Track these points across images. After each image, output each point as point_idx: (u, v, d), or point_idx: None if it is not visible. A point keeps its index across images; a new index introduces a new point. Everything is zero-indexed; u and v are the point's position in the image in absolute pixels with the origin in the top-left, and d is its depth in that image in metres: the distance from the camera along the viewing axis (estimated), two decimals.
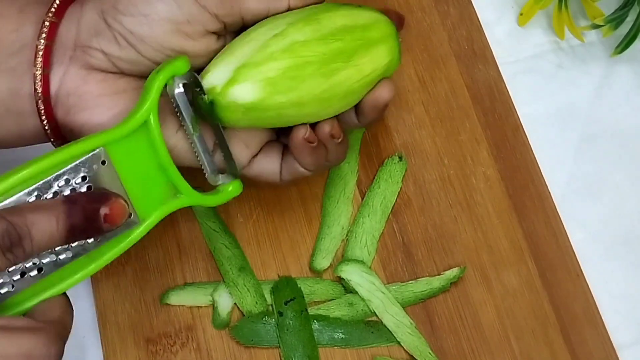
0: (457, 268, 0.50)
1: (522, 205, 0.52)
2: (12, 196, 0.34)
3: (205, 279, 0.50)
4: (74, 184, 0.35)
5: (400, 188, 0.52)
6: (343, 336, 0.48)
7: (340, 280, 0.50)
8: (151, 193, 0.38)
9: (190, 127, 0.40)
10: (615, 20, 0.54)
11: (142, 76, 0.39)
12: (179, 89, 0.39)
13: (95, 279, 0.49)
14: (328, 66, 0.39)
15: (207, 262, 0.50)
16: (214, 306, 0.49)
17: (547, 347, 0.49)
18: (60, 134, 0.40)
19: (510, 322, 0.49)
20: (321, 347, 0.48)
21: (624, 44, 0.55)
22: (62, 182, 0.35)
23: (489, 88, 0.55)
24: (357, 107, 0.42)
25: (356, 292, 0.49)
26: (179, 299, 0.49)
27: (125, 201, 0.37)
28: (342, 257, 0.50)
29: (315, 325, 0.48)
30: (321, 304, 0.49)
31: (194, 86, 0.38)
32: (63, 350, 0.34)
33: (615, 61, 0.57)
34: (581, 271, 0.51)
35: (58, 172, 0.35)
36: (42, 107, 0.38)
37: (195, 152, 0.40)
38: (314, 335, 0.48)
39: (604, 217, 0.53)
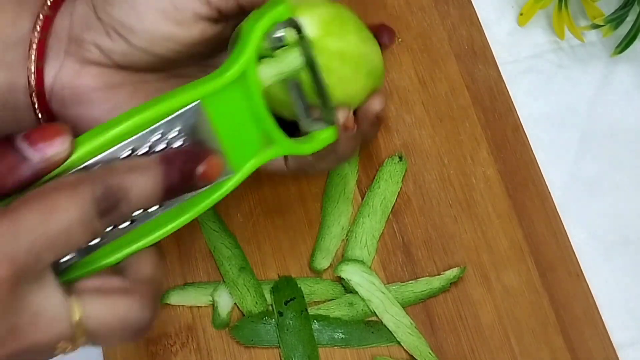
0: (457, 268, 0.50)
1: (522, 205, 0.52)
2: (108, 149, 0.32)
3: (205, 279, 0.50)
4: (168, 138, 0.34)
5: (400, 188, 0.52)
6: (343, 336, 0.48)
7: (340, 280, 0.50)
8: (245, 143, 0.36)
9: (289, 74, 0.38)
10: (615, 20, 0.54)
11: (138, 69, 0.39)
12: (279, 35, 0.37)
13: None
14: (362, 33, 0.39)
15: (207, 262, 0.50)
16: (214, 306, 0.49)
17: (547, 347, 0.49)
18: None
19: (510, 322, 0.49)
20: (321, 347, 0.48)
21: (624, 44, 0.55)
22: (157, 136, 0.34)
23: (489, 88, 0.55)
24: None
25: (356, 292, 0.49)
26: (179, 299, 0.49)
27: (222, 155, 0.35)
28: (342, 257, 0.50)
29: (315, 325, 0.48)
30: (321, 304, 0.49)
31: (296, 30, 0.37)
32: (159, 310, 0.34)
33: (615, 61, 0.57)
34: (581, 271, 0.51)
35: (154, 126, 0.33)
36: (35, 100, 0.38)
37: (292, 98, 0.39)
38: (314, 335, 0.48)
39: (604, 217, 0.53)
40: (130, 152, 0.33)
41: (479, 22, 0.57)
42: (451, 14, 0.57)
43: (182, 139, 0.34)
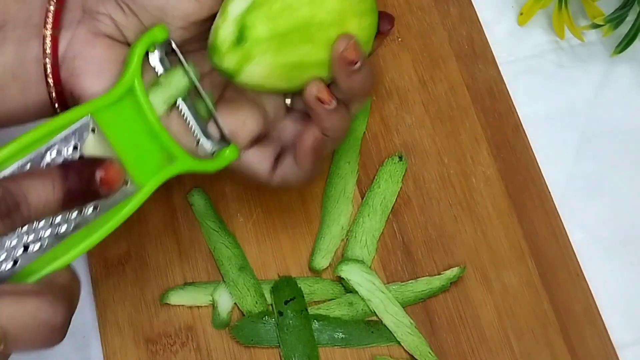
0: (457, 267, 0.50)
1: (522, 205, 0.52)
2: (4, 169, 0.34)
3: (205, 279, 0.50)
4: (65, 155, 0.35)
5: (400, 188, 0.52)
6: (343, 336, 0.48)
7: (340, 280, 0.50)
8: (146, 160, 0.38)
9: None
10: (615, 19, 0.54)
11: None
12: (157, 55, 0.39)
13: (95, 279, 0.49)
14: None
15: (207, 262, 0.50)
16: (214, 306, 0.49)
17: (547, 347, 0.49)
18: (64, 101, 0.39)
19: (510, 322, 0.49)
20: (321, 346, 0.48)
21: (624, 44, 0.55)
22: (54, 154, 0.35)
23: (489, 88, 0.55)
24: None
25: (356, 292, 0.49)
26: (179, 298, 0.49)
27: (122, 166, 0.36)
28: (342, 257, 0.50)
29: (315, 325, 0.48)
30: (321, 304, 0.49)
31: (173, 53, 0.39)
32: (71, 314, 0.34)
33: (615, 61, 0.57)
34: (581, 271, 0.51)
35: (49, 144, 0.35)
36: (49, 69, 0.38)
37: (186, 120, 0.40)
38: (314, 335, 0.48)
39: (604, 217, 0.53)
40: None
41: (479, 22, 0.57)
42: (451, 13, 0.57)
43: (80, 155, 0.36)
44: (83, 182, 0.35)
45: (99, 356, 0.48)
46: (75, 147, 0.36)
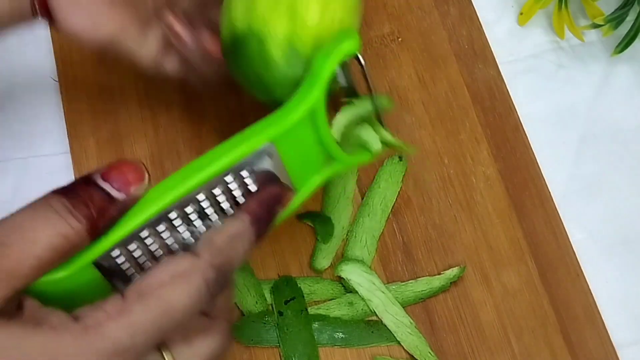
0: (457, 267, 0.50)
1: (522, 204, 0.52)
2: (187, 194, 0.33)
3: None
4: (244, 181, 0.35)
5: (400, 187, 0.52)
6: (343, 336, 0.48)
7: (340, 280, 0.50)
8: (309, 163, 0.37)
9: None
10: (615, 19, 0.54)
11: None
12: (342, 75, 0.38)
13: None
14: None
15: None
16: None
17: (547, 347, 0.49)
18: (47, 10, 0.39)
19: (510, 321, 0.49)
20: (321, 346, 0.48)
21: (624, 44, 0.55)
22: (230, 178, 0.34)
23: (489, 87, 0.55)
24: None
25: (356, 292, 0.49)
26: None
27: (291, 188, 0.37)
28: (342, 257, 0.50)
29: (315, 325, 0.48)
30: (321, 304, 0.49)
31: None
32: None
33: (615, 61, 0.57)
34: (581, 271, 0.51)
35: (227, 170, 0.34)
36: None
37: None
38: (314, 335, 0.48)
39: (604, 217, 0.53)
40: (206, 199, 0.34)
41: (479, 22, 0.57)
42: (451, 13, 0.57)
43: (249, 171, 0.35)
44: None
45: None
46: (251, 172, 0.35)
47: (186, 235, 0.34)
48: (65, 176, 0.52)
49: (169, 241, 0.34)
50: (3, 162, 0.53)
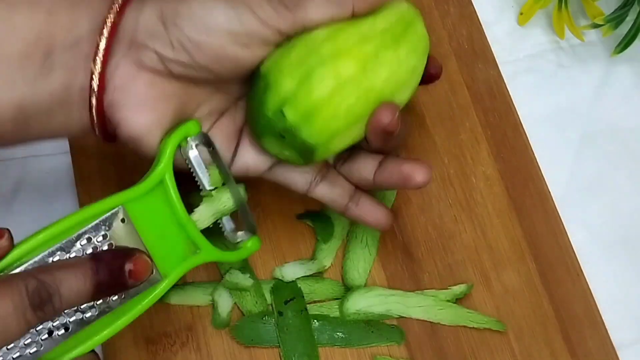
0: (464, 285, 0.50)
1: (522, 204, 0.52)
2: (36, 256, 0.35)
3: (205, 279, 0.50)
4: (95, 242, 0.37)
5: None
6: (343, 336, 0.48)
7: (341, 280, 0.50)
8: (171, 250, 0.39)
9: (207, 186, 0.41)
10: (615, 19, 0.54)
11: (191, 81, 0.40)
12: (193, 150, 0.40)
13: None
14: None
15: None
16: (213, 306, 0.49)
17: (547, 347, 0.49)
18: (104, 124, 0.40)
19: (510, 321, 0.49)
20: (321, 346, 0.48)
21: (624, 44, 0.55)
22: (84, 241, 0.36)
23: (489, 87, 0.55)
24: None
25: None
26: (179, 298, 0.49)
27: (149, 257, 0.37)
28: (343, 257, 0.50)
29: (315, 325, 0.48)
30: (321, 304, 0.49)
31: (206, 146, 0.41)
32: None
33: (615, 61, 0.57)
34: (581, 271, 0.51)
35: (79, 231, 0.36)
36: (94, 102, 0.39)
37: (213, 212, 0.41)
38: (314, 335, 0.48)
39: (604, 217, 0.53)
40: (58, 257, 0.36)
41: (479, 22, 0.57)
42: (451, 13, 0.57)
43: (109, 243, 0.37)
44: (113, 275, 0.36)
45: (99, 356, 0.48)
46: (104, 236, 0.37)
47: None
48: (65, 176, 0.52)
49: None
50: (3, 162, 0.53)
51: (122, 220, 0.37)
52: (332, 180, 0.44)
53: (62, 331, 0.36)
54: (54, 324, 0.36)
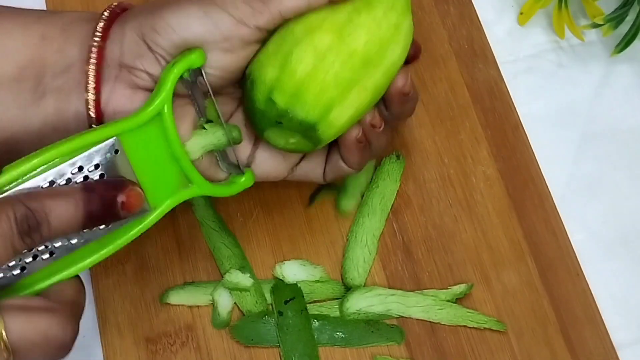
0: (464, 285, 0.50)
1: (522, 204, 0.52)
2: (26, 182, 0.34)
3: (205, 279, 0.50)
4: (87, 172, 0.36)
5: (400, 187, 0.52)
6: (343, 335, 0.48)
7: (341, 280, 0.50)
8: (163, 182, 0.39)
9: (205, 115, 0.40)
10: (615, 19, 0.54)
11: (185, 94, 0.40)
12: (194, 80, 0.39)
13: (95, 279, 0.49)
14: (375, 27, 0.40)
15: (207, 262, 0.50)
16: (213, 306, 0.49)
17: (547, 347, 0.49)
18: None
19: (510, 321, 0.49)
20: (321, 346, 0.48)
21: (624, 43, 0.55)
22: (75, 170, 0.36)
23: (489, 87, 0.55)
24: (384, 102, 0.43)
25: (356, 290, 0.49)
26: (179, 298, 0.49)
27: (141, 189, 0.37)
28: (343, 257, 0.50)
29: (315, 325, 0.48)
30: (321, 303, 0.49)
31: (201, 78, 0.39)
32: (78, 330, 0.35)
33: (615, 60, 0.57)
34: (581, 271, 0.51)
35: (72, 160, 0.35)
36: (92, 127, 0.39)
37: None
38: (314, 335, 0.48)
39: (604, 216, 0.53)
40: (49, 184, 0.35)
41: (479, 22, 0.57)
42: (451, 13, 0.57)
43: (100, 173, 0.36)
44: (105, 206, 0.35)
45: (99, 356, 0.48)
46: (97, 166, 0.36)
47: None
48: None
49: None
50: None
51: (116, 151, 0.37)
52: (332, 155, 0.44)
53: (47, 255, 0.35)
54: (40, 248, 0.35)
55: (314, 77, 0.38)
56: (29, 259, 0.35)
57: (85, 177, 0.36)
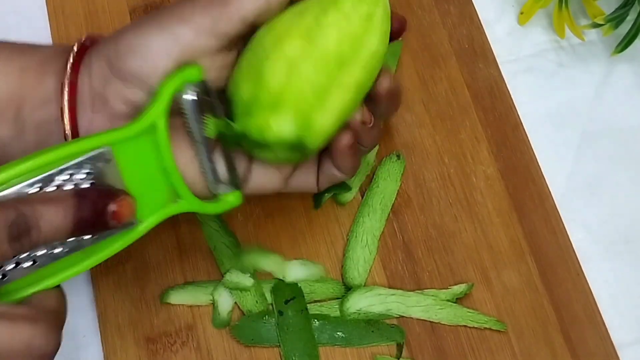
0: (464, 284, 0.50)
1: (522, 204, 0.52)
2: (13, 186, 0.34)
3: (206, 278, 0.50)
4: (76, 179, 0.36)
5: (401, 187, 0.52)
6: (343, 335, 0.48)
7: (341, 279, 0.50)
8: (152, 195, 0.38)
9: (197, 134, 0.40)
10: (616, 19, 0.54)
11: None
12: (189, 96, 0.39)
13: (96, 278, 0.49)
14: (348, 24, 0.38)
15: (208, 261, 0.50)
16: (214, 305, 0.49)
17: (547, 347, 0.49)
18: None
19: (511, 321, 0.49)
20: (321, 346, 0.48)
21: (625, 43, 0.55)
22: (65, 177, 0.35)
23: (490, 87, 0.55)
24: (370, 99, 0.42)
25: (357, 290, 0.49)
26: (179, 298, 0.49)
27: (133, 199, 0.36)
28: (343, 257, 0.50)
29: (316, 324, 0.48)
30: (321, 303, 0.49)
31: (205, 95, 0.39)
32: (60, 341, 0.34)
33: (615, 60, 0.57)
34: (581, 270, 0.51)
35: (62, 167, 0.35)
36: None
37: (200, 159, 0.40)
38: (314, 335, 0.48)
39: (604, 216, 0.53)
40: (38, 189, 0.34)
41: (480, 21, 0.57)
42: (451, 12, 0.57)
43: (90, 182, 0.36)
44: (95, 213, 0.35)
45: (99, 356, 0.48)
46: (87, 174, 0.36)
47: None
48: None
49: None
50: None
51: (107, 161, 0.36)
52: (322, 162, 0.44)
53: (29, 263, 0.35)
54: (22, 256, 0.34)
55: (289, 87, 0.37)
56: (11, 267, 0.34)
57: (75, 185, 0.36)
